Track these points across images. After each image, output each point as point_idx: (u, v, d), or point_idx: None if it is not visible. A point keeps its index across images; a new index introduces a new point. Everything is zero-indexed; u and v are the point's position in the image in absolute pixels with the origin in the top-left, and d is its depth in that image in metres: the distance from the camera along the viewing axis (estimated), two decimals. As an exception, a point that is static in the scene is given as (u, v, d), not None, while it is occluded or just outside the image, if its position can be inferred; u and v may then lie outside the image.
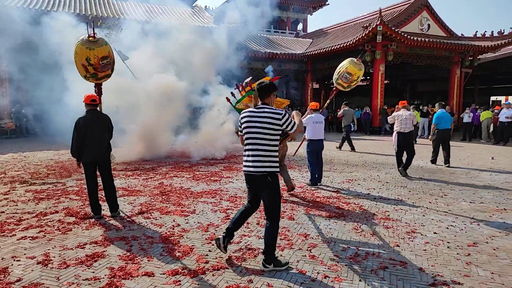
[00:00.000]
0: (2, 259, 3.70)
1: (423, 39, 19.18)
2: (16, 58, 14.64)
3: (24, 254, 3.83)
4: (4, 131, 16.23)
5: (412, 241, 4.31)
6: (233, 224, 3.77)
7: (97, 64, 6.44)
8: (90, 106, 5.12)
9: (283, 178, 6.48)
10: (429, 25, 20.88)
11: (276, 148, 3.53)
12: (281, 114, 3.43)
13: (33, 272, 3.42)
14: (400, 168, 8.40)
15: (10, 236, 4.32)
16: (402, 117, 8.27)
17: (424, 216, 5.30)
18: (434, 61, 21.17)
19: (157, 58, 11.41)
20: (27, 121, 17.36)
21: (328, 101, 8.70)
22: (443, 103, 10.37)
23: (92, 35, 6.42)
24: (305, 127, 7.12)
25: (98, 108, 5.40)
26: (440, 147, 9.87)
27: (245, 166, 3.55)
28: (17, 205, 5.66)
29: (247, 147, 3.53)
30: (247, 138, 3.52)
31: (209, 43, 13.76)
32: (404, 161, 8.42)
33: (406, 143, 8.32)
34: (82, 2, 21.06)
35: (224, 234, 3.72)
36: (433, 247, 4.13)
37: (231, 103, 5.81)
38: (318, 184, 7.34)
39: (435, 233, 4.58)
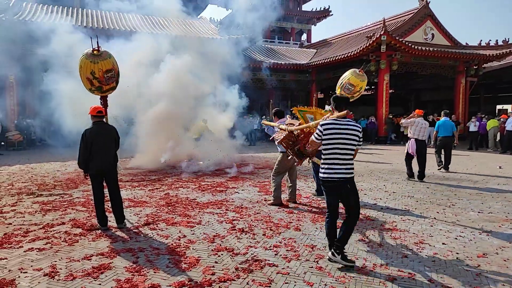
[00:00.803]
0: (9, 271, 3.71)
1: (427, 48, 19.20)
2: (22, 70, 14.90)
3: (31, 266, 3.83)
4: (11, 143, 16.36)
5: (421, 252, 4.26)
6: (339, 239, 3.94)
7: (102, 77, 6.49)
8: (96, 118, 5.17)
9: (275, 192, 6.44)
10: (433, 34, 20.91)
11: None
12: (360, 128, 3.85)
13: (40, 284, 3.43)
14: (409, 174, 8.53)
15: (17, 248, 4.34)
16: (422, 125, 8.51)
17: (432, 226, 5.25)
18: (438, 70, 21.15)
19: (166, 70, 11.55)
20: (33, 133, 17.47)
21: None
22: (448, 111, 10.63)
23: (96, 48, 6.49)
24: None
25: (104, 120, 5.45)
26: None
27: (335, 173, 3.75)
28: (24, 217, 5.68)
29: (335, 155, 3.75)
30: (334, 148, 3.74)
31: (213, 54, 13.88)
32: (414, 170, 8.57)
33: (420, 150, 8.56)
34: (89, 15, 21.42)
35: (335, 250, 3.91)
36: (442, 258, 4.08)
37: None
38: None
39: (443, 243, 4.53)
